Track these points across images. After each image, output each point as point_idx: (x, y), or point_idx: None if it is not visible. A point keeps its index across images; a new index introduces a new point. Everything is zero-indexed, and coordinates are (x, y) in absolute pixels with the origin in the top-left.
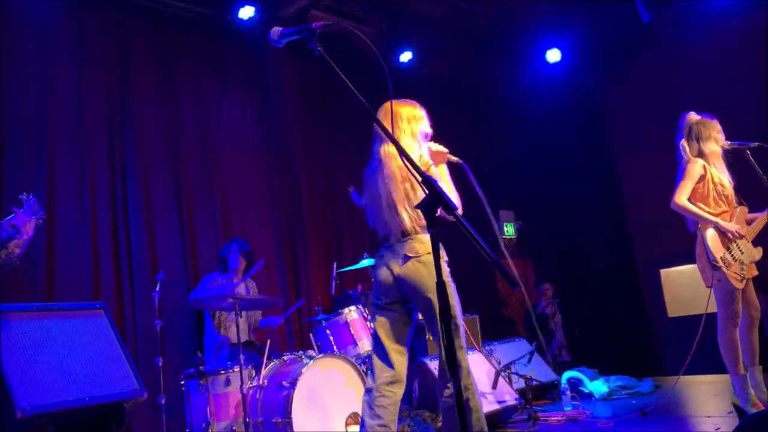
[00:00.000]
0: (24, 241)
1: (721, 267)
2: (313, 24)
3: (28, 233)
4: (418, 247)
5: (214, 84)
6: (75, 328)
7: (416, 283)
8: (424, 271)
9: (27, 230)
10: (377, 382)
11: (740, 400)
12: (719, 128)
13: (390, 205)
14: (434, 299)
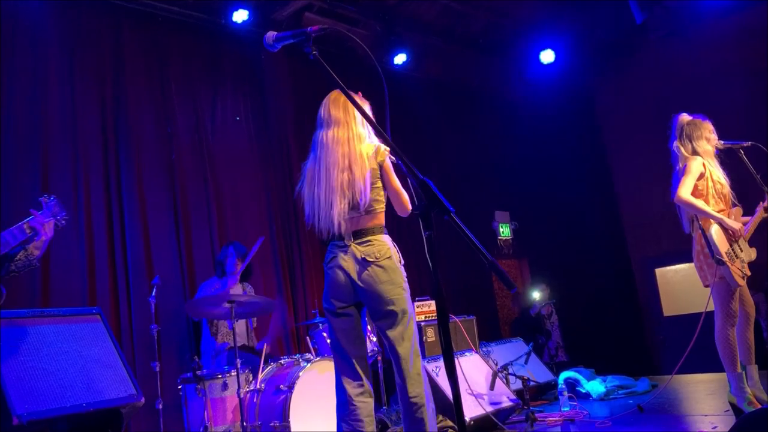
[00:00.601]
0: (43, 242)
1: (726, 262)
2: (308, 28)
3: (47, 234)
4: (375, 250)
5: (208, 87)
6: (71, 334)
7: (376, 291)
8: (384, 277)
9: (46, 231)
10: (347, 396)
11: (737, 398)
12: (711, 128)
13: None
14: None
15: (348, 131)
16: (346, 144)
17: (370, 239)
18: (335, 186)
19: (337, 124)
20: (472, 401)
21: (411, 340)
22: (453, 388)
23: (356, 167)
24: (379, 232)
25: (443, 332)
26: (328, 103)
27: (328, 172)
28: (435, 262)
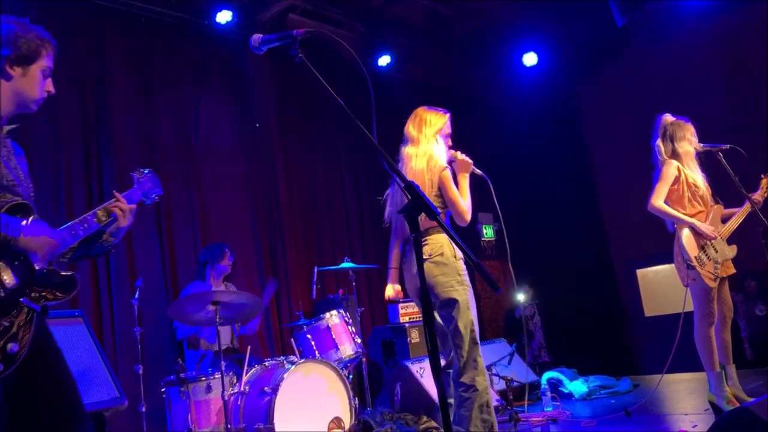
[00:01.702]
0: (119, 228)
1: (695, 266)
2: (294, 31)
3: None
4: (429, 249)
5: (192, 89)
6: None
7: (431, 284)
8: (436, 272)
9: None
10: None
11: (716, 397)
12: (693, 130)
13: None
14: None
15: (417, 148)
16: (413, 159)
17: (427, 239)
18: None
19: (410, 140)
20: None
21: (466, 329)
22: (438, 388)
23: (418, 180)
24: (435, 232)
25: (429, 333)
26: (408, 120)
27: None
28: (421, 263)
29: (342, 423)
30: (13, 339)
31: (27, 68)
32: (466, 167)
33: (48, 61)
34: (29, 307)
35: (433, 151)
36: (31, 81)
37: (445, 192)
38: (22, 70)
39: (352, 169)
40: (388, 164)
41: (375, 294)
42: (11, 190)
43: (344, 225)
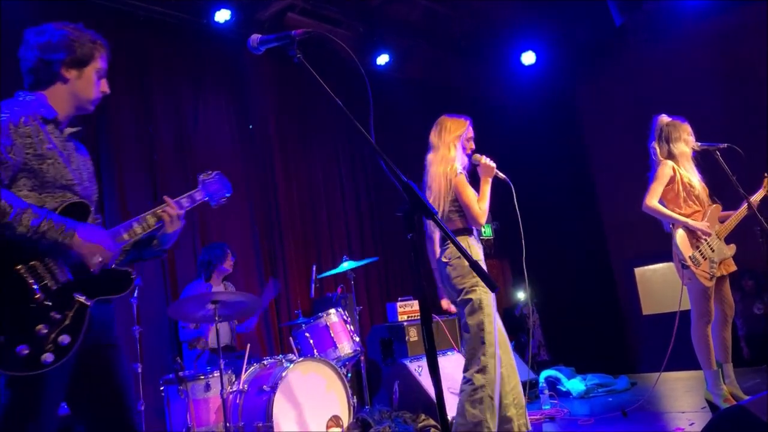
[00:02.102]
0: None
1: (689, 266)
2: (292, 31)
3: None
4: (449, 252)
5: (190, 88)
6: None
7: (449, 286)
8: (453, 274)
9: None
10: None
11: (713, 395)
12: (689, 130)
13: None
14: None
15: (437, 155)
16: (433, 165)
17: (447, 243)
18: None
19: (432, 147)
20: (454, 400)
21: (474, 329)
22: (436, 387)
23: (435, 184)
24: (456, 235)
25: (426, 332)
26: (432, 128)
27: (425, 188)
28: (418, 263)
29: (340, 421)
30: (65, 331)
31: (82, 70)
32: (489, 171)
33: (102, 63)
34: (82, 302)
35: (450, 157)
36: (87, 82)
37: (459, 196)
38: (78, 73)
39: (350, 168)
40: (386, 164)
41: (374, 292)
42: (71, 189)
43: (343, 223)
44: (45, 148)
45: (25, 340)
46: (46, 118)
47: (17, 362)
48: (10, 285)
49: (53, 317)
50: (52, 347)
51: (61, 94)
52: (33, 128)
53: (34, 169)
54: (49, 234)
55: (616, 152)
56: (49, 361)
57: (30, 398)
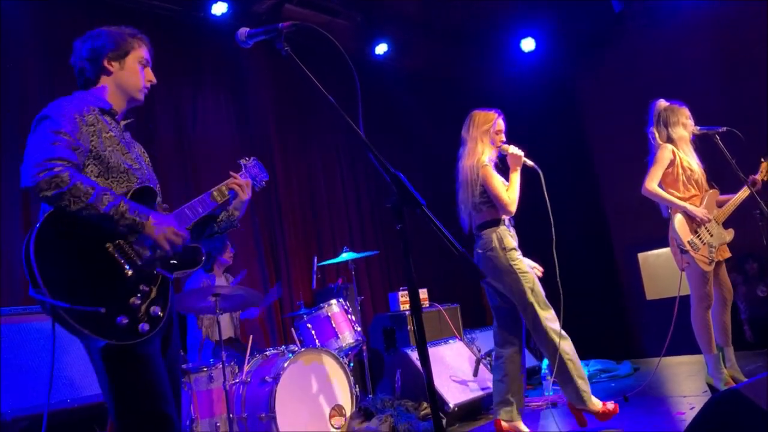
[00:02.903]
0: (242, 203)
1: (688, 251)
2: (279, 24)
3: (245, 196)
4: (482, 243)
5: (188, 82)
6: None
7: (491, 276)
8: (489, 265)
9: (243, 194)
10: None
11: (714, 379)
12: (688, 114)
13: (460, 203)
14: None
15: (466, 149)
16: (462, 159)
17: (481, 233)
18: (460, 194)
19: (462, 142)
20: (456, 388)
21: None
22: (426, 376)
23: (462, 177)
24: (486, 227)
25: (416, 322)
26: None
27: (458, 183)
28: (408, 254)
29: (343, 410)
30: (155, 303)
31: (123, 61)
32: (517, 160)
33: (143, 52)
34: (164, 275)
35: (477, 151)
36: (130, 72)
37: (487, 187)
38: (120, 64)
39: (350, 159)
40: (374, 156)
41: (375, 282)
42: (134, 174)
43: (344, 214)
44: (106, 135)
45: (124, 311)
46: (104, 109)
47: (119, 331)
48: (103, 261)
49: (143, 290)
50: (146, 317)
51: (110, 88)
52: (94, 117)
53: (99, 155)
54: (126, 216)
55: (617, 138)
56: (146, 330)
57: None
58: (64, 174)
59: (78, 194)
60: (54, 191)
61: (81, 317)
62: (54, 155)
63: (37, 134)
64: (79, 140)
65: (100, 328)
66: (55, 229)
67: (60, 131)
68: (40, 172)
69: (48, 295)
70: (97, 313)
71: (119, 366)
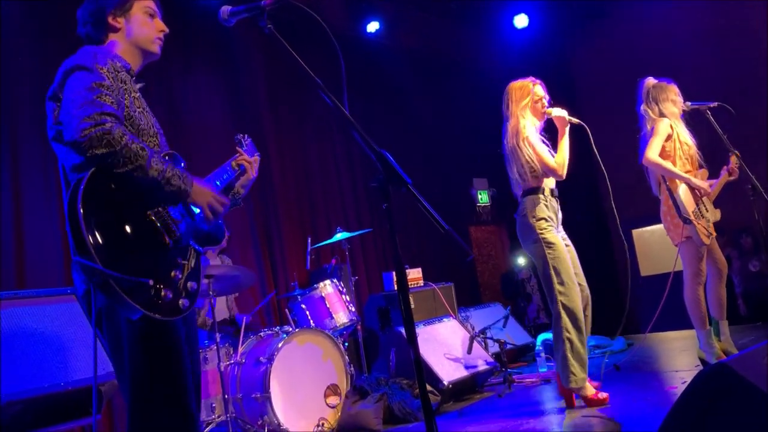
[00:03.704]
0: (249, 180)
1: (693, 221)
2: (262, 1)
3: (253, 173)
4: (520, 208)
5: (179, 64)
6: (47, 315)
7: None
8: (520, 230)
9: (252, 171)
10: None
11: (706, 354)
12: (677, 90)
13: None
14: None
15: (508, 126)
16: (506, 137)
17: (520, 200)
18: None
19: (504, 119)
20: (450, 366)
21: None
22: (414, 354)
23: (508, 152)
24: (525, 195)
25: (403, 300)
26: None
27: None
28: (393, 232)
29: (338, 389)
30: (191, 278)
31: (128, 13)
32: (562, 122)
33: (148, 2)
34: (195, 249)
35: (519, 125)
36: (138, 23)
37: (531, 156)
38: (125, 18)
39: (344, 139)
40: (358, 134)
41: (370, 262)
42: (161, 138)
43: (338, 194)
44: (135, 95)
45: (168, 284)
46: (126, 69)
47: (163, 306)
48: (145, 229)
49: (181, 263)
50: (185, 292)
51: (121, 44)
52: (124, 74)
53: (131, 116)
54: (174, 180)
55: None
56: (186, 306)
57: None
58: (117, 131)
59: (129, 155)
60: (106, 149)
61: (129, 288)
62: (104, 109)
63: (75, 85)
64: (119, 96)
65: (147, 301)
66: (101, 189)
67: (102, 84)
68: (91, 127)
69: (98, 262)
70: (145, 285)
71: (147, 344)
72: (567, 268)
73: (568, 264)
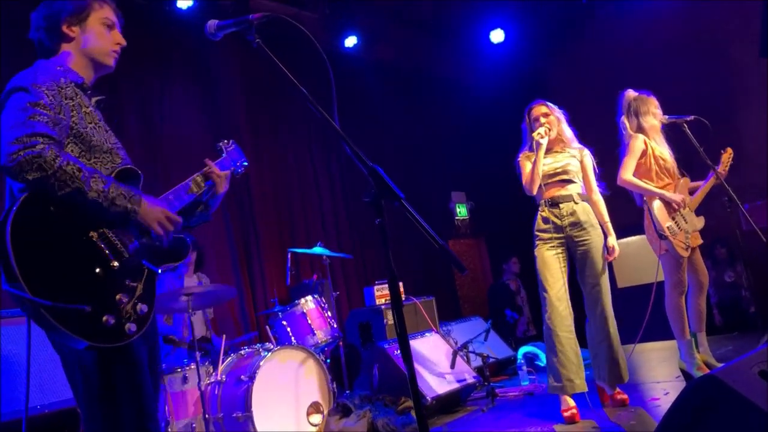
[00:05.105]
0: (218, 194)
1: (668, 236)
2: (250, 15)
3: (222, 188)
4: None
5: (156, 76)
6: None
7: None
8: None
9: (221, 185)
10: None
11: (686, 364)
12: (656, 103)
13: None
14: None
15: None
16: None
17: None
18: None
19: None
20: (434, 380)
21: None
22: (408, 370)
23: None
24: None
25: (397, 315)
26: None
27: None
28: (387, 247)
29: (321, 407)
30: (141, 300)
31: (84, 24)
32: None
33: (106, 13)
34: (150, 269)
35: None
36: (93, 34)
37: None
38: (80, 28)
39: (323, 152)
40: (350, 149)
41: (351, 277)
42: (117, 154)
43: (317, 208)
44: (86, 110)
45: (110, 309)
46: (77, 83)
47: (105, 333)
48: (87, 253)
49: (129, 285)
50: (133, 316)
51: (74, 56)
52: (72, 90)
53: (80, 133)
54: (118, 200)
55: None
56: (133, 331)
57: (123, 373)
58: (48, 153)
59: (64, 177)
60: (38, 173)
61: (63, 316)
62: (35, 131)
63: (10, 107)
64: (60, 114)
65: (84, 329)
66: (34, 214)
67: (38, 103)
68: (19, 151)
69: (27, 290)
70: (81, 311)
71: (102, 372)
72: (552, 282)
73: (554, 278)
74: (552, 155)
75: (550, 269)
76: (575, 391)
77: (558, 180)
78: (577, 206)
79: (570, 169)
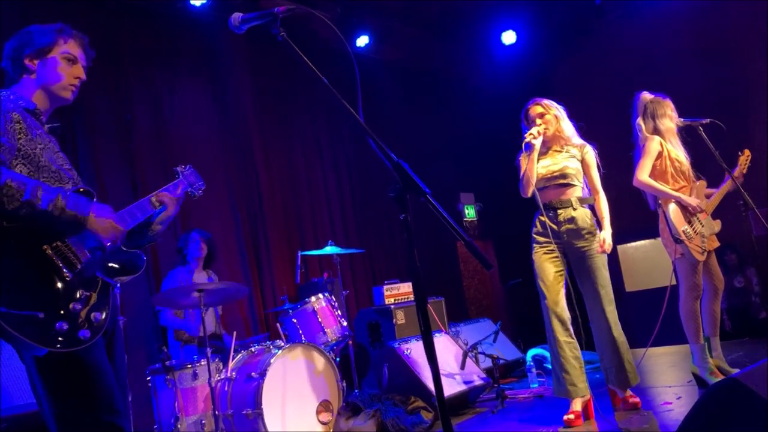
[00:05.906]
0: (168, 216)
1: (683, 240)
2: (275, 9)
3: (172, 211)
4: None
5: (167, 73)
6: None
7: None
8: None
9: (172, 208)
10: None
11: (699, 369)
12: (672, 106)
13: None
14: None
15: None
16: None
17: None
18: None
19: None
20: (443, 381)
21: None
22: (433, 369)
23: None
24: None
25: (422, 313)
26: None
27: None
28: (412, 243)
29: (330, 406)
30: (95, 309)
31: (45, 59)
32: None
33: (70, 49)
34: (104, 281)
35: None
36: (52, 68)
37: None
38: (42, 62)
39: (332, 151)
40: (375, 144)
41: (359, 276)
42: (66, 174)
43: (326, 207)
44: (34, 133)
45: (63, 316)
46: (28, 108)
47: (58, 338)
48: (41, 265)
49: (83, 295)
50: (87, 324)
51: (32, 87)
52: (20, 115)
53: (28, 153)
54: (67, 209)
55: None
56: (87, 337)
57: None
58: None
59: (11, 192)
60: None
61: (17, 322)
62: None
63: None
64: (4, 137)
65: (38, 335)
66: None
67: None
68: None
69: None
70: (35, 317)
71: (59, 376)
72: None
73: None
74: (550, 156)
75: (547, 275)
76: (578, 395)
77: (556, 184)
78: (575, 212)
79: (568, 171)
